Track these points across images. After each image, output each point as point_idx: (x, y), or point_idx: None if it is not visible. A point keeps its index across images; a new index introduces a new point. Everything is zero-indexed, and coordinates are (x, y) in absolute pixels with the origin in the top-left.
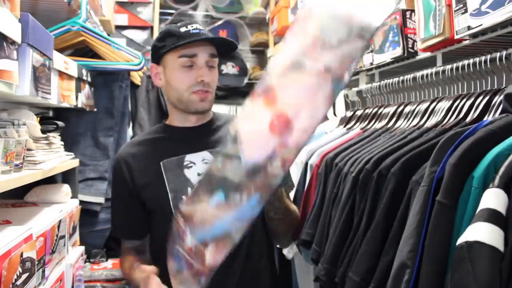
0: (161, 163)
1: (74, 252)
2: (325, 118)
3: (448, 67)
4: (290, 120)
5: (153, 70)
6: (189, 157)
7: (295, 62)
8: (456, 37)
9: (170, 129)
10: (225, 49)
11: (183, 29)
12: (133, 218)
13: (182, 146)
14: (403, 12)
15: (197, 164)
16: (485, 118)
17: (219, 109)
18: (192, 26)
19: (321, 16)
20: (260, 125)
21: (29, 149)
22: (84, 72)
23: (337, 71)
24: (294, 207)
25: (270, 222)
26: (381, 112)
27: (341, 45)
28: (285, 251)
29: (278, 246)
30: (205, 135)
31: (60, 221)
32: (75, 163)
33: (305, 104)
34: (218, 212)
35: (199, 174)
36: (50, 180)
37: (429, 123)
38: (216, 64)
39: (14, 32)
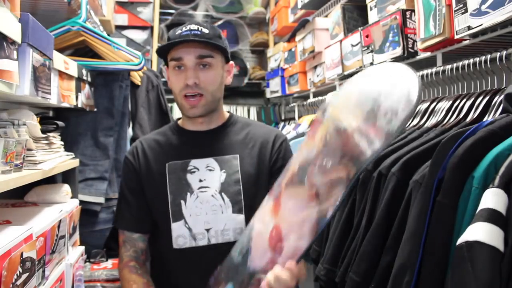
0: (166, 164)
1: (74, 252)
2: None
3: (448, 67)
4: (282, 238)
5: (166, 72)
6: (193, 162)
7: (299, 170)
8: (456, 37)
9: (180, 131)
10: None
11: (178, 32)
12: (138, 209)
13: (189, 150)
14: (403, 12)
15: (200, 170)
16: (485, 118)
17: None
18: (186, 28)
19: (328, 127)
20: (265, 230)
21: (29, 149)
22: (84, 72)
23: (324, 202)
24: None
25: None
26: None
27: (332, 171)
28: None
29: None
30: (215, 141)
31: (60, 221)
32: (75, 163)
33: (294, 227)
34: None
35: (200, 180)
36: (50, 180)
37: (429, 123)
38: (212, 62)
39: (14, 32)
